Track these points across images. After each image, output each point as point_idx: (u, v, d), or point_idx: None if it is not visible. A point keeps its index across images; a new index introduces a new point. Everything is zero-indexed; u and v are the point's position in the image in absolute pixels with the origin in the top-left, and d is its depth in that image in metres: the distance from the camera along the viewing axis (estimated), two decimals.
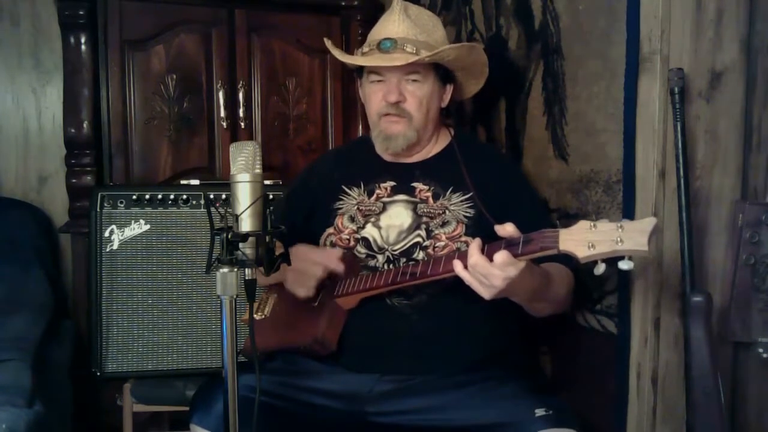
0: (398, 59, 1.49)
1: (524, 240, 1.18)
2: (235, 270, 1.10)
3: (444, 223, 1.50)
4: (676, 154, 1.30)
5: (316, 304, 1.49)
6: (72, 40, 2.09)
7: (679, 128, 1.29)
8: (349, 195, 1.60)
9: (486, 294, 1.22)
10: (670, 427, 1.42)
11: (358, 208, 1.57)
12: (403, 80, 1.53)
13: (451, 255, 1.31)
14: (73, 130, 2.10)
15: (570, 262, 1.19)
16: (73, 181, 2.13)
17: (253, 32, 2.29)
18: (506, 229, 1.21)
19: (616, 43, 1.44)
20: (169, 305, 1.89)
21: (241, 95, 2.28)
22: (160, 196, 1.91)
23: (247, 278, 1.13)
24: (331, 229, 1.57)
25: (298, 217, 1.64)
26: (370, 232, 1.54)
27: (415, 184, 1.56)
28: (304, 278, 1.48)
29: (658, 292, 1.39)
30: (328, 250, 1.51)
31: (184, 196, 1.92)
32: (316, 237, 1.59)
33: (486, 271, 1.19)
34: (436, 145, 1.63)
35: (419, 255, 1.48)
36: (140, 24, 2.17)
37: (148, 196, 1.91)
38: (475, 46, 1.63)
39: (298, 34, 2.34)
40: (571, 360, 1.68)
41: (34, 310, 1.91)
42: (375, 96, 1.56)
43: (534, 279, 1.27)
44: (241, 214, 1.12)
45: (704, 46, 1.36)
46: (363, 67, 1.58)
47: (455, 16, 2.12)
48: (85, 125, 2.10)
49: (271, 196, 1.88)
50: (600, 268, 1.10)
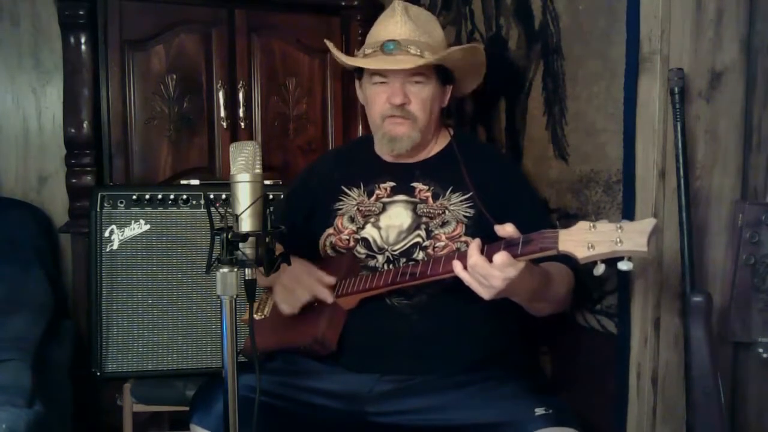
0: (403, 61, 1.49)
1: (524, 240, 1.18)
2: (235, 270, 1.10)
3: (444, 223, 1.50)
4: (676, 154, 1.30)
5: (316, 304, 1.49)
6: (72, 40, 2.09)
7: (679, 128, 1.29)
8: (349, 195, 1.60)
9: (485, 294, 1.22)
10: (670, 427, 1.42)
11: (357, 209, 1.57)
12: (406, 82, 1.52)
13: (450, 255, 1.31)
14: (73, 130, 2.10)
15: (570, 261, 1.19)
16: (73, 181, 2.13)
17: (253, 32, 2.29)
18: (506, 230, 1.21)
19: (616, 43, 1.44)
20: (169, 305, 1.89)
21: (241, 95, 2.27)
22: (160, 196, 1.91)
23: (247, 278, 1.13)
24: (331, 230, 1.57)
25: (298, 217, 1.64)
26: (369, 232, 1.54)
27: (414, 184, 1.56)
28: (291, 298, 1.48)
29: (658, 292, 1.39)
30: (322, 278, 1.46)
31: (184, 196, 1.92)
32: (316, 237, 1.59)
33: (485, 272, 1.19)
34: (436, 145, 1.63)
35: (419, 255, 1.48)
36: (140, 24, 2.17)
37: (148, 196, 1.91)
38: (477, 47, 1.63)
39: (298, 34, 2.34)
40: (571, 360, 1.68)
41: (34, 310, 1.91)
42: (378, 98, 1.55)
43: (534, 279, 1.27)
44: (241, 214, 1.12)
45: (704, 46, 1.36)
46: (363, 69, 1.58)
47: (455, 16, 2.12)
48: (85, 125, 2.10)
49: (271, 196, 1.89)
50: (599, 269, 1.10)
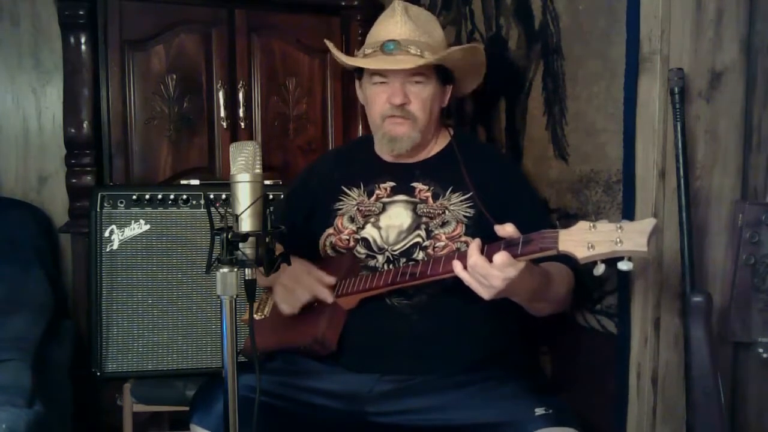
0: (403, 61, 1.49)
1: (524, 240, 1.18)
2: (235, 270, 1.10)
3: (444, 223, 1.49)
4: (676, 154, 1.30)
5: (316, 304, 1.49)
6: (72, 40, 2.09)
7: (679, 128, 1.29)
8: (349, 195, 1.60)
9: (485, 294, 1.22)
10: (670, 427, 1.42)
11: (357, 209, 1.57)
12: (406, 82, 1.52)
13: (450, 255, 1.31)
14: (73, 130, 2.10)
15: (570, 261, 1.19)
16: (73, 181, 2.13)
17: (253, 32, 2.29)
18: (506, 230, 1.21)
19: (616, 43, 1.44)
20: (169, 305, 1.89)
21: (241, 95, 2.27)
22: (160, 196, 1.91)
23: (247, 278, 1.13)
24: (331, 230, 1.57)
25: (298, 217, 1.64)
26: (369, 232, 1.54)
27: (414, 184, 1.56)
28: (291, 298, 1.48)
29: (658, 292, 1.39)
30: (322, 278, 1.46)
31: (184, 196, 1.92)
32: (316, 237, 1.59)
33: (485, 272, 1.19)
34: (436, 145, 1.63)
35: (419, 255, 1.48)
36: (140, 24, 2.17)
37: (148, 196, 1.91)
38: (477, 48, 1.63)
39: (298, 34, 2.34)
40: (571, 360, 1.68)
41: (34, 310, 1.91)
42: (378, 98, 1.55)
43: (533, 279, 1.27)
44: (241, 214, 1.12)
45: (704, 46, 1.36)
46: (363, 69, 1.58)
47: (455, 16, 2.12)
48: (85, 125, 2.10)
49: (271, 196, 1.88)
50: (599, 269, 1.10)
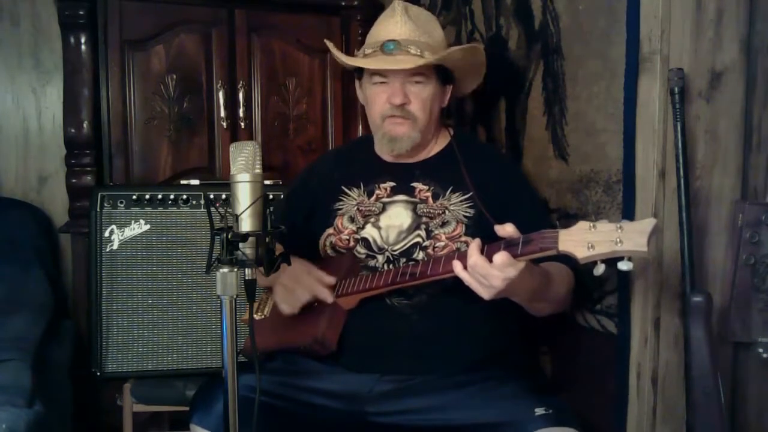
0: (403, 61, 1.49)
1: (524, 240, 1.18)
2: (235, 270, 1.10)
3: (444, 223, 1.49)
4: (676, 154, 1.30)
5: (316, 304, 1.49)
6: (72, 40, 2.09)
7: (679, 128, 1.29)
8: (349, 195, 1.60)
9: (485, 294, 1.22)
10: (670, 427, 1.42)
11: (357, 209, 1.57)
12: (407, 82, 1.52)
13: (450, 255, 1.31)
14: (73, 130, 2.10)
15: (570, 261, 1.19)
16: (73, 181, 2.13)
17: (253, 32, 2.29)
18: (506, 230, 1.21)
19: (616, 43, 1.44)
20: (169, 305, 1.89)
21: (241, 95, 2.27)
22: (160, 196, 1.91)
23: (247, 278, 1.13)
24: (331, 230, 1.57)
25: (298, 217, 1.64)
26: (369, 232, 1.54)
27: (414, 184, 1.56)
28: (291, 298, 1.48)
29: (658, 292, 1.39)
30: (322, 278, 1.46)
31: (184, 196, 1.92)
32: (316, 237, 1.59)
33: (485, 272, 1.19)
34: (436, 145, 1.63)
35: (419, 255, 1.48)
36: (140, 24, 2.16)
37: (148, 196, 1.91)
38: (477, 48, 1.63)
39: (298, 34, 2.34)
40: (571, 360, 1.68)
41: (34, 310, 1.91)
42: (378, 98, 1.55)
43: (534, 279, 1.27)
44: (241, 214, 1.12)
45: (704, 46, 1.36)
46: (363, 69, 1.58)
47: (455, 16, 2.12)
48: (85, 125, 2.10)
49: (271, 196, 1.88)
50: (599, 269, 1.10)
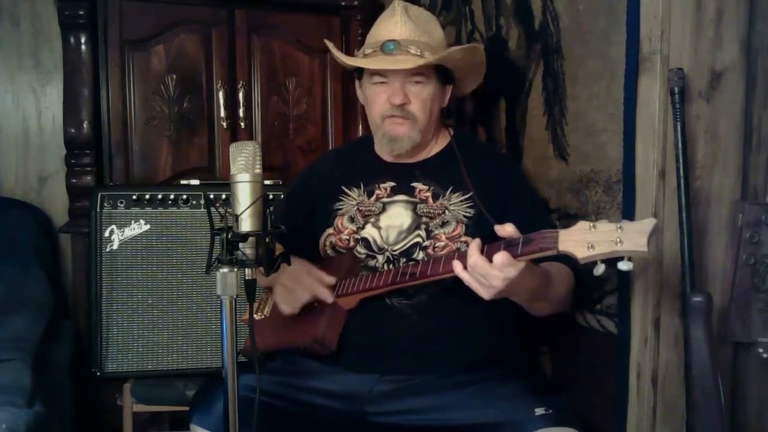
0: (403, 61, 1.49)
1: (524, 240, 1.18)
2: (235, 270, 1.10)
3: (444, 223, 1.49)
4: (676, 154, 1.30)
5: (316, 304, 1.49)
6: (72, 40, 2.09)
7: (679, 128, 1.29)
8: (349, 195, 1.60)
9: (485, 294, 1.22)
10: (670, 427, 1.42)
11: (357, 209, 1.57)
12: (407, 82, 1.52)
13: (450, 255, 1.31)
14: (73, 130, 2.10)
15: (570, 261, 1.19)
16: (73, 181, 2.13)
17: (253, 32, 2.29)
18: (506, 230, 1.21)
19: (616, 43, 1.44)
20: (169, 305, 1.89)
21: (241, 95, 2.27)
22: (160, 196, 1.91)
23: (247, 278, 1.13)
24: (331, 230, 1.57)
25: (298, 217, 1.64)
26: (369, 232, 1.54)
27: (414, 184, 1.56)
28: (291, 298, 1.48)
29: (658, 292, 1.39)
30: (322, 278, 1.46)
31: (184, 196, 1.92)
32: (316, 237, 1.59)
33: (485, 272, 1.19)
34: (436, 145, 1.63)
35: (419, 255, 1.48)
36: (140, 24, 2.16)
37: (148, 196, 1.91)
38: (477, 48, 1.63)
39: (298, 34, 2.34)
40: (571, 360, 1.68)
41: (34, 310, 1.91)
42: (378, 98, 1.55)
43: (533, 279, 1.27)
44: (241, 214, 1.12)
45: (704, 46, 1.36)
46: (363, 69, 1.58)
47: (455, 16, 2.12)
48: (85, 125, 2.10)
49: (271, 196, 1.88)
50: (599, 269, 1.10)
